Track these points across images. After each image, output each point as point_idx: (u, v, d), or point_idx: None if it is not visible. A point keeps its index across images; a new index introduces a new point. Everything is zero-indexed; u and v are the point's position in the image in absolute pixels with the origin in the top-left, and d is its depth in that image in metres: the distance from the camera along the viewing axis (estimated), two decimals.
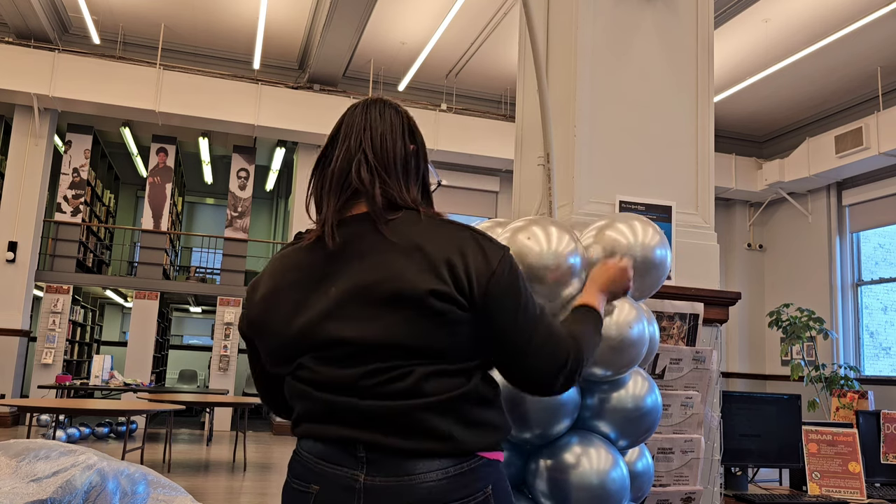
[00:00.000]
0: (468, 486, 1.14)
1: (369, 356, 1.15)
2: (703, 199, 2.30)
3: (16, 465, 1.63)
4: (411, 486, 1.12)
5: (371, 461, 1.14)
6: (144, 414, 6.52)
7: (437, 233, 1.20)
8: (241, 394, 14.49)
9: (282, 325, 1.21)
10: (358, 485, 1.13)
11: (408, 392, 1.14)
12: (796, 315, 9.13)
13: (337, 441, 1.16)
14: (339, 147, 1.26)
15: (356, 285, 1.17)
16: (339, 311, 1.17)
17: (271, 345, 1.24)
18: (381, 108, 1.32)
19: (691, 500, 1.94)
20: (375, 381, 1.14)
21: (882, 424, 2.70)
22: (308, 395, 1.19)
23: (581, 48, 2.24)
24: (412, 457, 1.13)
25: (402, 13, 8.91)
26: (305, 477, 1.18)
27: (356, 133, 1.26)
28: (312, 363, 1.19)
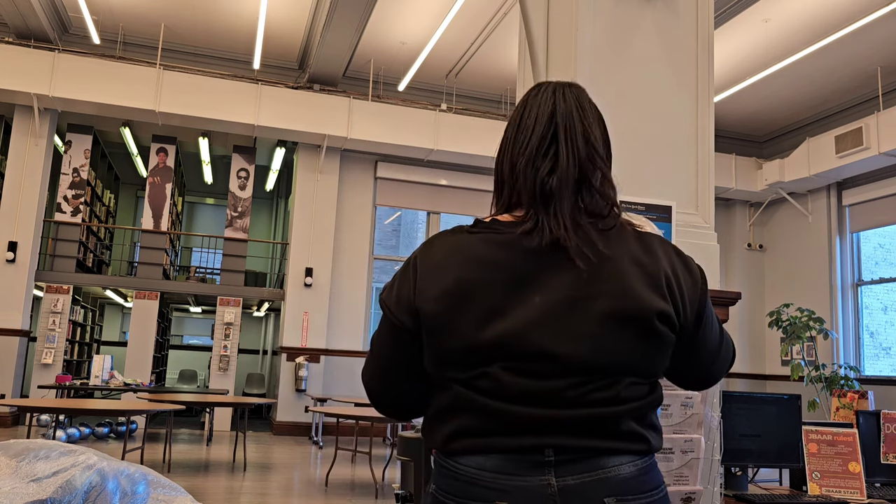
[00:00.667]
0: (655, 478, 1.14)
1: (575, 371, 1.09)
2: (703, 199, 2.30)
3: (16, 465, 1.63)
4: (607, 479, 1.08)
5: (559, 463, 1.08)
6: (144, 414, 6.52)
7: (646, 244, 1.15)
8: (241, 394, 14.49)
9: (470, 328, 1.09)
10: (552, 489, 1.07)
11: (612, 400, 1.10)
12: (796, 315, 9.13)
13: (520, 450, 1.09)
14: (563, 138, 1.14)
15: (570, 297, 1.09)
16: (547, 321, 1.08)
17: (451, 348, 1.11)
18: (579, 91, 1.21)
19: (691, 500, 1.94)
20: (577, 393, 1.09)
21: (882, 424, 2.70)
22: (484, 406, 1.09)
23: (581, 48, 2.24)
24: (605, 454, 1.10)
25: (402, 13, 8.91)
26: (483, 496, 1.08)
27: (575, 124, 1.15)
28: (503, 374, 1.09)
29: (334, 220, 10.68)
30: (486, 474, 1.09)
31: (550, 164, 1.12)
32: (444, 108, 10.59)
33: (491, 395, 1.09)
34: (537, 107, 1.18)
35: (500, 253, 1.11)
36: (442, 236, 1.17)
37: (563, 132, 1.14)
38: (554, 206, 1.11)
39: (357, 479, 6.82)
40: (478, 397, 1.10)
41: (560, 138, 1.14)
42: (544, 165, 1.12)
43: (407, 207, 11.75)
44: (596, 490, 1.07)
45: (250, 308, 14.49)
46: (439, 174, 11.18)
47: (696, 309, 1.16)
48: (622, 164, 2.24)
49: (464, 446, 1.11)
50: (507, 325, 1.08)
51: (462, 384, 1.11)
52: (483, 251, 1.12)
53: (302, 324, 10.40)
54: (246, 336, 15.54)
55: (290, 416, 10.26)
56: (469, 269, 1.11)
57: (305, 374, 10.15)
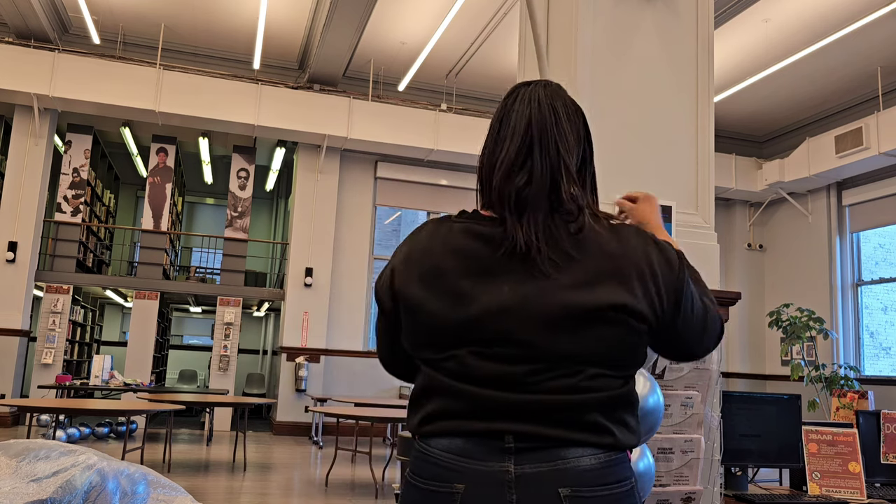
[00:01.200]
0: (618, 473, 1.15)
1: (541, 357, 1.13)
2: (703, 199, 2.30)
3: (16, 465, 1.63)
4: (566, 470, 1.11)
5: (520, 450, 1.12)
6: (144, 414, 6.52)
7: (620, 237, 1.19)
8: (241, 394, 14.50)
9: (440, 311, 1.16)
10: (509, 476, 1.11)
11: (573, 388, 1.13)
12: (796, 315, 9.13)
13: (482, 434, 1.13)
14: (538, 150, 1.19)
15: (538, 289, 1.14)
16: (513, 308, 1.13)
17: (423, 329, 1.18)
18: (554, 95, 1.25)
19: (691, 500, 1.94)
20: (540, 378, 1.13)
21: (882, 424, 2.70)
22: (449, 388, 1.15)
23: (581, 48, 2.24)
24: (565, 445, 1.12)
25: (402, 13, 8.91)
26: (444, 477, 1.14)
27: (549, 135, 1.20)
28: (470, 357, 1.14)
29: (334, 220, 10.68)
30: (450, 457, 1.14)
31: (526, 177, 1.18)
32: (444, 108, 10.59)
33: (456, 378, 1.15)
34: (515, 115, 1.23)
35: (477, 243, 1.18)
36: (429, 224, 1.25)
37: (537, 144, 1.19)
38: (527, 216, 1.16)
39: (357, 479, 6.82)
40: (444, 379, 1.16)
41: (535, 150, 1.19)
42: (520, 177, 1.18)
43: (407, 207, 11.75)
44: (552, 479, 1.10)
45: (250, 308, 14.49)
46: (439, 174, 11.18)
47: (672, 297, 1.19)
48: (622, 163, 2.24)
49: (433, 429, 1.17)
50: (475, 310, 1.14)
51: (432, 366, 1.18)
52: (461, 240, 1.19)
53: (302, 324, 10.40)
54: (246, 336, 15.54)
55: (290, 416, 10.26)
56: (445, 256, 1.18)
57: (305, 374, 10.16)
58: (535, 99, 1.23)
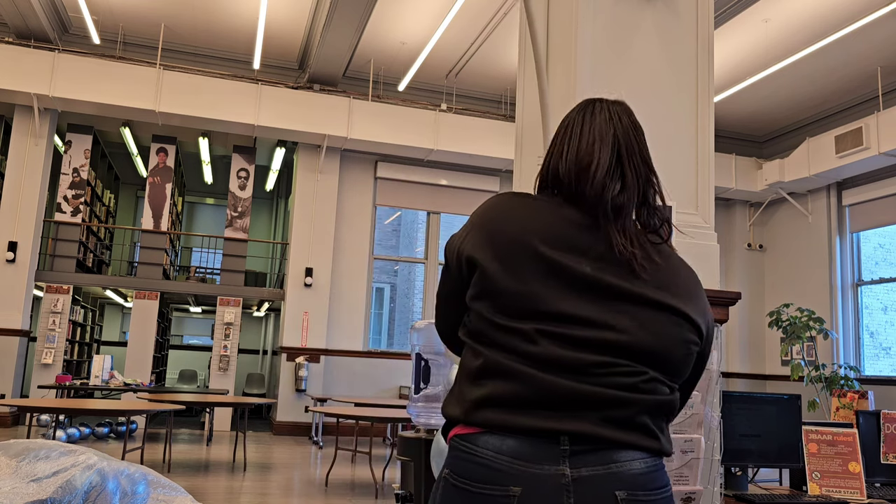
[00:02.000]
0: (663, 478, 1.18)
1: (611, 347, 1.15)
2: (703, 199, 2.30)
3: (16, 465, 1.63)
4: (619, 473, 1.13)
5: (574, 453, 1.12)
6: (144, 414, 6.52)
7: (688, 269, 1.28)
8: (241, 394, 14.50)
9: (516, 280, 1.17)
10: (566, 479, 1.11)
11: (633, 387, 1.15)
12: (796, 315, 9.13)
13: (533, 434, 1.12)
14: (627, 162, 1.25)
15: (617, 278, 1.18)
16: (591, 293, 1.17)
17: (496, 293, 1.18)
18: (630, 113, 1.32)
19: (691, 500, 1.94)
20: (606, 371, 1.14)
21: (882, 424, 2.70)
22: (514, 371, 1.14)
23: (581, 48, 2.24)
24: (618, 448, 1.14)
25: (402, 13, 8.91)
26: (497, 479, 1.11)
27: (636, 149, 1.28)
28: (536, 335, 1.14)
29: (334, 220, 10.69)
30: (504, 458, 1.12)
31: (619, 185, 1.23)
32: (444, 108, 10.59)
33: (523, 356, 1.14)
34: (598, 125, 1.26)
35: (565, 222, 1.21)
36: (504, 196, 1.27)
37: (626, 156, 1.25)
38: (621, 222, 1.21)
39: (357, 479, 6.82)
40: (507, 359, 1.15)
41: (624, 161, 1.25)
42: (613, 185, 1.22)
43: (407, 207, 11.75)
44: (608, 482, 1.12)
45: (250, 308, 14.49)
46: (439, 174, 11.18)
47: (709, 342, 1.28)
48: None
49: (486, 419, 1.14)
50: (551, 286, 1.16)
51: (491, 343, 1.17)
52: (548, 215, 1.22)
53: (302, 324, 10.40)
54: (246, 336, 15.54)
55: (290, 416, 10.26)
56: (536, 222, 1.21)
57: (305, 374, 10.16)
58: (615, 113, 1.29)
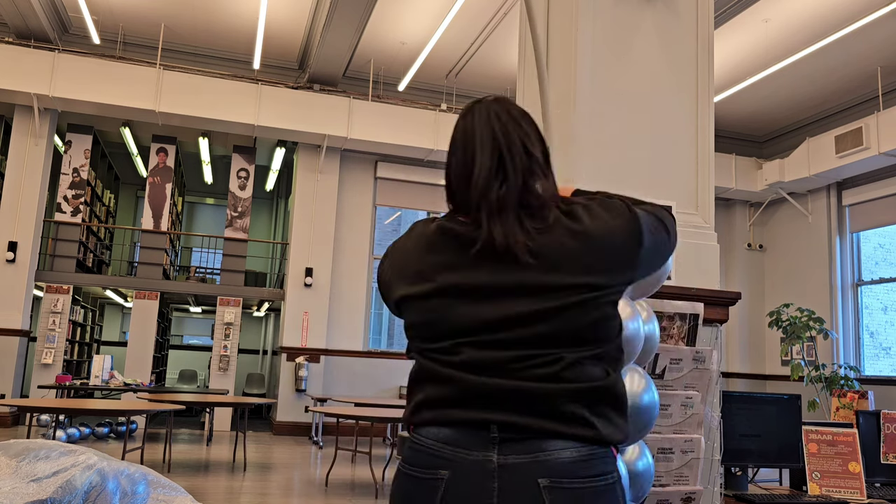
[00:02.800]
0: (599, 467, 1.19)
1: (522, 343, 1.20)
2: (703, 199, 2.30)
3: (16, 465, 1.63)
4: (546, 462, 1.16)
5: (504, 440, 1.18)
6: (144, 414, 6.52)
7: (575, 217, 1.27)
8: (241, 394, 14.49)
9: (430, 304, 1.26)
10: (492, 465, 1.17)
11: (553, 377, 1.19)
12: (796, 315, 9.13)
13: (467, 424, 1.20)
14: (508, 158, 1.27)
15: (515, 279, 1.23)
16: (493, 298, 1.22)
17: (416, 321, 1.28)
18: (507, 104, 1.34)
19: (691, 500, 1.94)
20: (524, 365, 1.19)
21: (882, 424, 2.70)
22: (441, 376, 1.23)
23: (581, 48, 2.24)
24: (547, 437, 1.18)
25: (402, 13, 8.91)
26: (431, 464, 1.20)
27: (515, 139, 1.29)
28: (461, 346, 1.23)
29: (334, 220, 10.68)
30: (439, 445, 1.21)
31: (502, 185, 1.26)
32: (444, 108, 10.59)
33: (445, 364, 1.23)
34: (479, 130, 1.30)
35: (452, 241, 1.27)
36: (417, 225, 1.36)
37: (506, 151, 1.28)
38: (504, 217, 1.24)
39: (357, 479, 6.82)
40: (434, 366, 1.24)
41: (506, 160, 1.27)
42: (496, 184, 1.26)
43: (407, 207, 11.75)
44: (533, 470, 1.16)
45: (250, 308, 14.49)
46: (439, 174, 11.18)
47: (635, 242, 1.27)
48: (622, 163, 2.24)
49: (424, 418, 1.24)
50: (462, 305, 1.23)
51: (424, 355, 1.27)
52: (436, 237, 1.29)
53: (302, 324, 10.40)
54: (246, 336, 15.53)
55: (290, 416, 10.26)
56: (421, 253, 1.29)
57: (305, 374, 10.16)
58: (492, 111, 1.31)
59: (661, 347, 1.97)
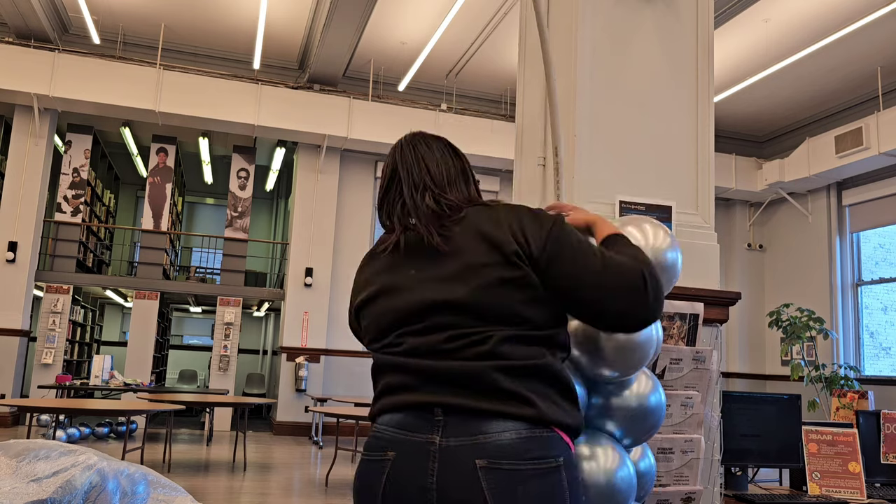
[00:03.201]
0: (541, 449, 1.22)
1: (453, 324, 1.29)
2: (703, 199, 2.30)
3: (16, 465, 1.63)
4: (485, 444, 1.21)
5: (447, 423, 1.24)
6: (144, 414, 6.52)
7: (493, 214, 1.39)
8: (241, 394, 14.49)
9: (375, 307, 1.40)
10: (433, 447, 1.22)
11: (485, 354, 1.26)
12: (796, 315, 9.13)
13: (414, 407, 1.27)
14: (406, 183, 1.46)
15: (436, 269, 1.35)
16: (419, 287, 1.34)
17: (367, 325, 1.42)
18: (414, 137, 1.54)
19: (691, 500, 1.94)
20: (458, 344, 1.27)
21: (882, 424, 2.70)
22: (391, 364, 1.33)
23: (581, 48, 2.24)
24: (488, 417, 1.23)
25: (402, 13, 8.91)
26: (380, 446, 1.29)
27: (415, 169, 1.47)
28: (403, 336, 1.33)
29: (334, 220, 10.69)
30: (389, 429, 1.29)
31: (401, 201, 1.45)
32: (444, 108, 10.59)
33: (394, 353, 1.33)
34: (387, 163, 1.53)
35: (383, 254, 1.44)
36: (365, 256, 1.54)
37: (405, 176, 1.46)
38: (417, 221, 1.40)
39: None
40: (384, 357, 1.35)
41: (402, 180, 1.46)
42: (398, 202, 1.45)
43: None
44: (471, 451, 1.20)
45: (250, 308, 14.49)
46: None
47: (542, 245, 1.33)
48: (622, 164, 2.24)
49: (380, 407, 1.33)
50: (398, 298, 1.36)
51: (378, 352, 1.38)
52: (372, 258, 1.48)
53: (302, 324, 10.40)
54: (246, 336, 15.53)
55: (290, 416, 10.26)
56: (368, 272, 1.47)
57: (305, 374, 10.16)
58: (399, 145, 1.51)
59: (661, 347, 1.97)
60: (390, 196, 1.48)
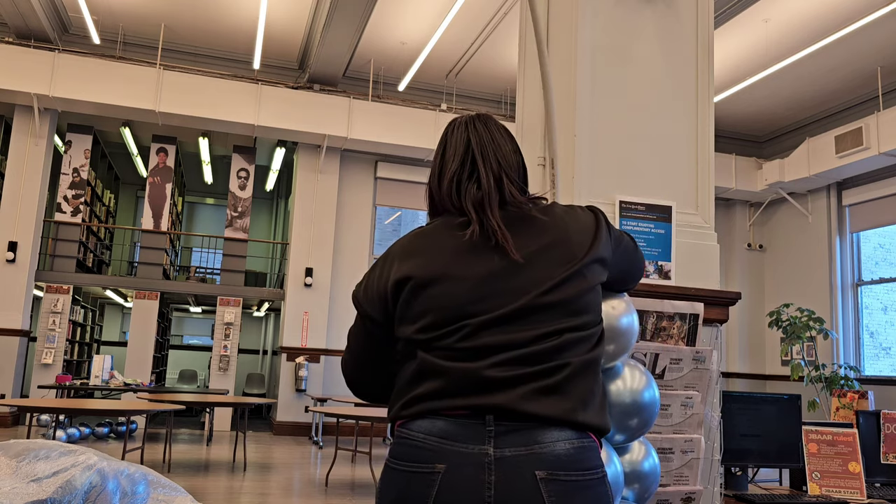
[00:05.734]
0: (592, 460, 1.21)
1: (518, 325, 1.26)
2: (703, 199, 2.30)
3: (16, 465, 1.63)
4: (542, 455, 1.18)
5: (499, 433, 1.19)
6: (144, 414, 6.52)
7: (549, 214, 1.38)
8: (241, 394, 14.49)
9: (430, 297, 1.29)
10: (488, 458, 1.17)
11: (551, 352, 1.24)
12: (796, 315, 9.13)
13: (463, 415, 1.21)
14: (481, 162, 1.40)
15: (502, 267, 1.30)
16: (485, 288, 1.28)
17: (417, 312, 1.30)
18: (486, 119, 1.47)
19: (691, 500, 1.94)
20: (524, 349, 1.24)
21: (882, 424, 2.70)
22: (442, 368, 1.24)
23: (581, 48, 2.24)
24: (540, 426, 1.20)
25: (402, 13, 8.91)
26: (425, 458, 1.20)
27: (488, 149, 1.42)
28: (457, 337, 1.25)
29: (334, 220, 10.68)
30: (433, 439, 1.21)
31: (476, 184, 1.38)
32: (444, 108, 10.59)
33: (445, 357, 1.24)
34: (455, 140, 1.44)
35: (453, 234, 1.34)
36: (409, 233, 1.42)
37: (479, 157, 1.40)
38: (486, 212, 1.34)
39: (357, 479, 6.82)
40: (435, 360, 1.25)
41: (478, 162, 1.40)
42: (471, 186, 1.38)
43: (407, 207, 11.75)
44: (529, 462, 1.17)
45: (250, 308, 14.49)
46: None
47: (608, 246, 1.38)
48: (622, 164, 2.24)
49: (420, 410, 1.24)
50: (455, 292, 1.27)
51: (424, 349, 1.27)
52: (439, 233, 1.36)
53: (302, 324, 10.40)
54: (246, 336, 15.53)
55: (290, 416, 10.26)
56: (429, 251, 1.33)
57: (305, 374, 10.16)
58: (470, 124, 1.45)
59: (661, 347, 1.97)
60: (462, 175, 1.40)
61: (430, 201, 1.46)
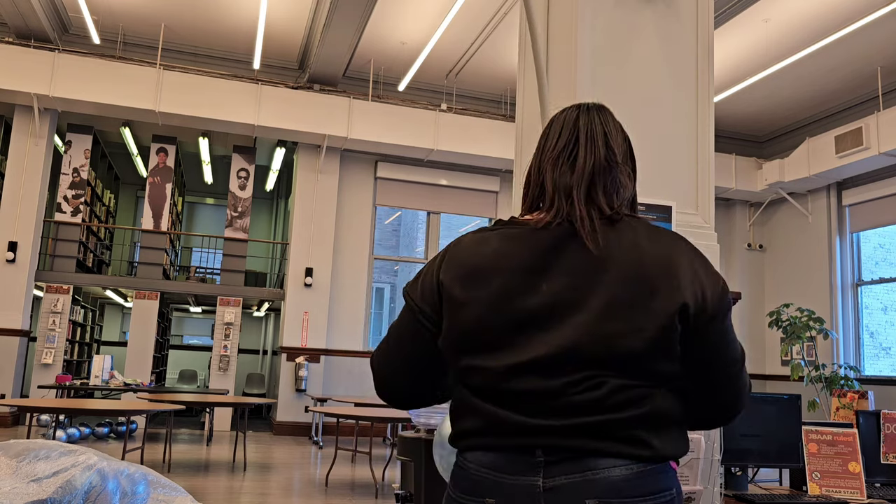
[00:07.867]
0: (654, 484, 1.12)
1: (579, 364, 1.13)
2: (703, 199, 2.30)
3: (16, 465, 1.63)
4: (594, 481, 1.10)
5: (549, 463, 1.13)
6: (144, 414, 6.52)
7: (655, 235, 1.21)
8: (241, 394, 14.49)
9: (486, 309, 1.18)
10: (538, 489, 1.12)
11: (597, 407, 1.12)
12: (796, 315, 9.13)
13: (513, 450, 1.15)
14: (584, 145, 1.25)
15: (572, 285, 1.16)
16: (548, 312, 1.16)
17: (464, 323, 1.20)
18: (601, 107, 1.33)
19: (691, 500, 1.94)
20: (566, 401, 1.13)
21: (882, 424, 2.70)
22: (477, 408, 1.17)
23: (581, 48, 2.24)
24: (593, 455, 1.12)
25: (402, 13, 8.91)
26: (476, 490, 1.16)
27: (597, 128, 1.27)
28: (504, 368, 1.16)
29: (334, 220, 10.68)
30: (484, 471, 1.16)
31: (570, 163, 1.24)
32: (444, 108, 10.59)
33: (484, 398, 1.17)
34: (563, 120, 1.30)
35: (512, 245, 1.21)
36: (468, 234, 1.28)
37: (584, 137, 1.26)
38: (572, 198, 1.21)
39: (357, 479, 6.82)
40: (475, 399, 1.18)
41: (581, 142, 1.26)
42: (566, 164, 1.24)
43: (407, 207, 11.75)
44: (581, 490, 1.10)
45: (250, 308, 14.49)
46: (439, 174, 11.18)
47: (714, 304, 1.16)
48: None
49: (467, 444, 1.20)
50: (518, 308, 1.16)
51: (463, 380, 1.19)
52: (497, 243, 1.22)
53: (302, 324, 10.40)
54: (246, 336, 15.53)
55: (290, 416, 10.26)
56: (484, 258, 1.21)
57: (305, 374, 10.15)
58: (583, 108, 1.31)
59: None
60: (561, 165, 1.25)
61: (525, 188, 1.32)
